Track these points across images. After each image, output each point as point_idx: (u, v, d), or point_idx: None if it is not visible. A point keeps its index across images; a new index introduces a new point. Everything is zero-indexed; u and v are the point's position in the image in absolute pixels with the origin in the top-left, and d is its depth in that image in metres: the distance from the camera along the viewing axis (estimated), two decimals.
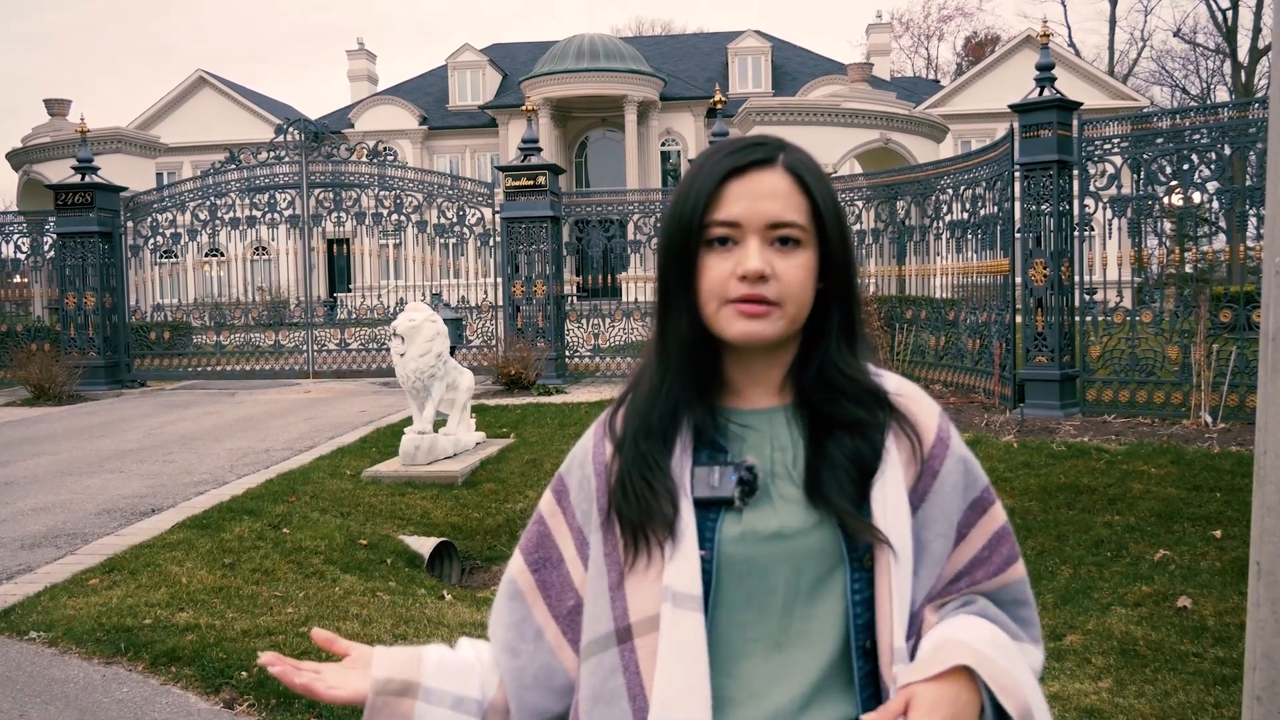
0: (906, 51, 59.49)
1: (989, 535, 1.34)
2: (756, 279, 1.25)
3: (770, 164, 1.29)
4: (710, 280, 1.27)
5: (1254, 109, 9.59)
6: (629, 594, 1.28)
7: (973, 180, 11.63)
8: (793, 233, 1.27)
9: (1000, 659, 1.22)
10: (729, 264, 1.26)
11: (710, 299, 1.27)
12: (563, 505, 1.38)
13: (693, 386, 1.31)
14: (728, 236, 1.27)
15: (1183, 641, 4.80)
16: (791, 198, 1.28)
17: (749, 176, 1.28)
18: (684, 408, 1.31)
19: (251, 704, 4.12)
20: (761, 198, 1.27)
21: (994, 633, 1.26)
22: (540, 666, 1.37)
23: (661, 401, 1.31)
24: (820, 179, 1.31)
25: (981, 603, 1.32)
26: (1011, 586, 1.35)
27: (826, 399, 1.30)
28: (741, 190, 1.27)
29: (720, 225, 1.27)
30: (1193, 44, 45.93)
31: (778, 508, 1.27)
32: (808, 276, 1.28)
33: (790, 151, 1.31)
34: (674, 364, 1.31)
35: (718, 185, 1.28)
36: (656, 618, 1.25)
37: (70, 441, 10.48)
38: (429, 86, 43.65)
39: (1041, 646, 1.35)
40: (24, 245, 17.18)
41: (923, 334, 12.91)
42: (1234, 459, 7.41)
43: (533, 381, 13.57)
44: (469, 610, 5.65)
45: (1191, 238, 13.17)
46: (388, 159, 16.53)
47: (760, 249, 1.26)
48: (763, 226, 1.26)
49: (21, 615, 5.05)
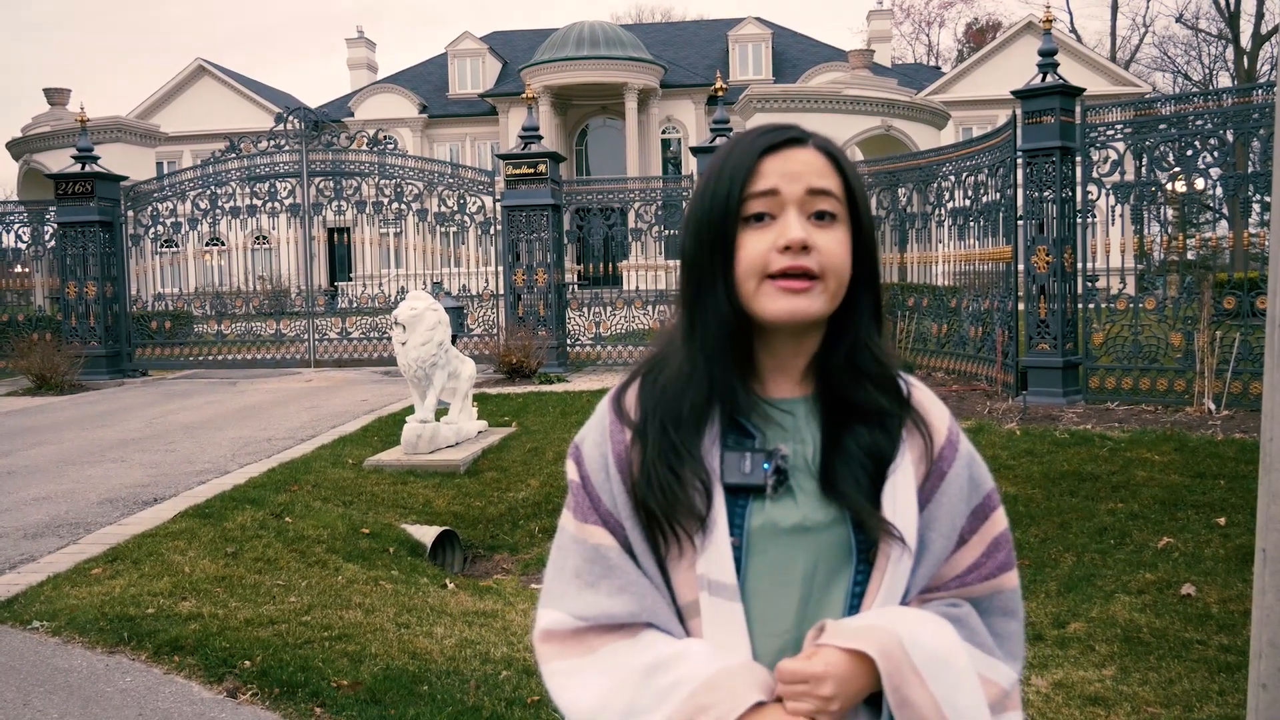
0: (908, 38, 59.34)
1: (988, 541, 1.34)
2: (800, 249, 1.24)
3: (803, 143, 1.30)
4: (749, 256, 1.26)
5: (1257, 94, 9.55)
6: (673, 578, 1.28)
7: (975, 167, 11.59)
8: (829, 205, 1.28)
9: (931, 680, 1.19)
10: (768, 238, 1.26)
11: (749, 276, 1.26)
12: (589, 491, 1.33)
13: (731, 371, 1.30)
14: (764, 212, 1.27)
15: (1187, 629, 4.80)
16: (826, 172, 1.29)
17: (784, 153, 1.29)
18: (718, 394, 1.29)
19: (255, 693, 4.12)
20: (799, 167, 1.28)
21: (947, 644, 1.23)
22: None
23: (694, 389, 1.29)
24: (850, 162, 1.33)
25: (965, 609, 1.31)
26: (1003, 595, 1.34)
27: (852, 383, 1.30)
28: (778, 163, 1.28)
29: (759, 197, 1.27)
30: (1195, 29, 45.77)
31: (798, 500, 1.27)
32: (846, 252, 1.28)
33: (818, 136, 1.33)
34: (710, 350, 1.29)
35: (755, 161, 1.28)
36: (696, 603, 1.26)
37: (72, 431, 10.48)
38: (429, 75, 43.54)
39: (1019, 664, 1.33)
40: (25, 235, 17.14)
41: (925, 321, 12.89)
42: (1237, 446, 7.40)
43: (534, 370, 13.56)
44: (471, 599, 5.65)
45: (1194, 224, 13.14)
46: (388, 147, 16.50)
47: (800, 220, 1.26)
48: (801, 195, 1.27)
49: (25, 605, 5.05)
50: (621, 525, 1.29)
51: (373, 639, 4.66)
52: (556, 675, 1.28)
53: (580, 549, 1.31)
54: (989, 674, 1.28)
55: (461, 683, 4.22)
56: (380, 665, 4.37)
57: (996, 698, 1.27)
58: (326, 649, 4.51)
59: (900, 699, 1.18)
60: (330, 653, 4.47)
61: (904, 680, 1.18)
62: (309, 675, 4.23)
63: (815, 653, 1.19)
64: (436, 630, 4.89)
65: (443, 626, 4.96)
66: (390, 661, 4.41)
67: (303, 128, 16.39)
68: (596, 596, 1.27)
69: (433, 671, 4.34)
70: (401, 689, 4.14)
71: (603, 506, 1.31)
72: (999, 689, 1.28)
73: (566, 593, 1.30)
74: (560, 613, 1.29)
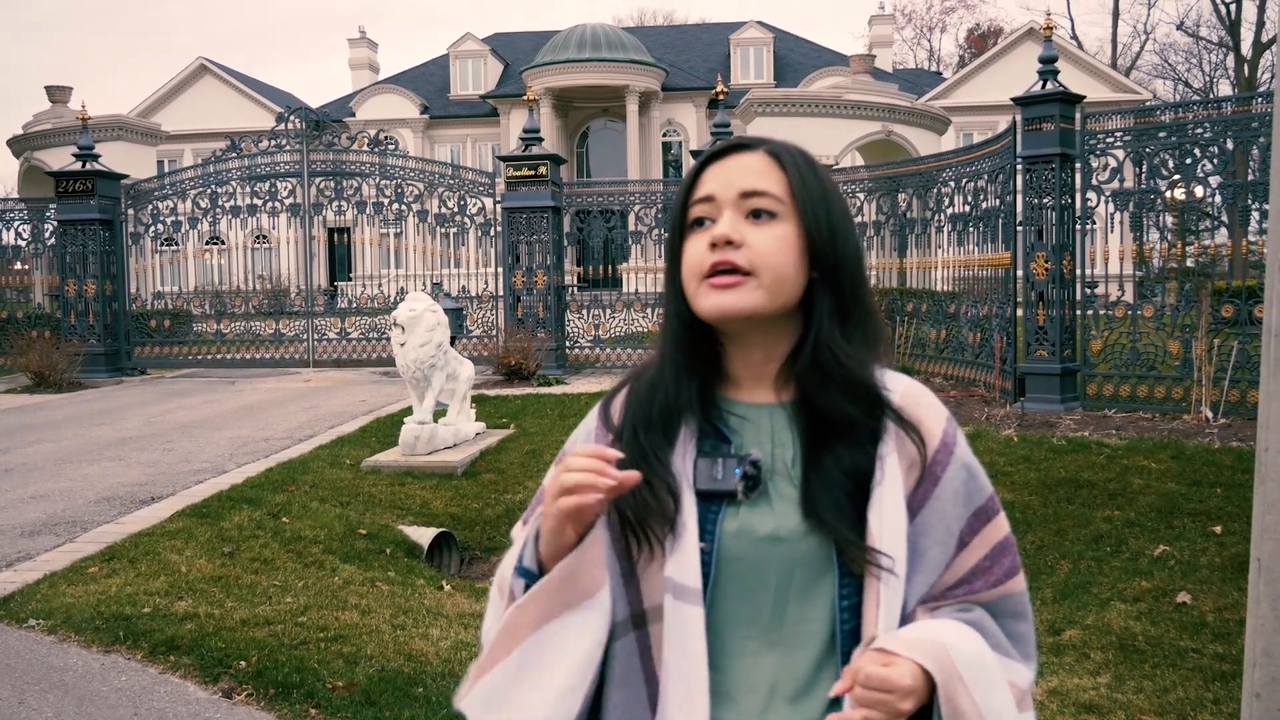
0: (909, 43, 59.42)
1: (991, 545, 1.32)
2: (724, 244, 1.27)
3: (750, 150, 1.33)
4: (689, 259, 1.30)
5: (1257, 103, 9.56)
6: (640, 581, 1.29)
7: (974, 173, 11.61)
8: (765, 203, 1.29)
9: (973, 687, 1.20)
10: (705, 239, 1.29)
11: (691, 278, 1.30)
12: None
13: (688, 375, 1.32)
14: (705, 216, 1.30)
15: (1182, 637, 4.81)
16: (768, 173, 1.31)
17: (727, 159, 1.33)
18: (683, 398, 1.31)
19: (250, 693, 4.12)
20: (735, 172, 1.31)
21: (980, 650, 1.24)
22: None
23: (661, 393, 1.32)
24: (800, 159, 1.33)
25: (978, 613, 1.30)
26: (1012, 599, 1.33)
27: (820, 388, 1.29)
28: (718, 169, 1.32)
29: (699, 203, 1.31)
30: (1196, 37, 45.82)
31: (775, 508, 1.27)
32: (785, 247, 1.28)
33: (775, 143, 1.34)
34: (672, 353, 1.33)
35: (700, 170, 1.33)
36: (659, 607, 1.26)
37: (70, 429, 10.48)
38: (430, 75, 43.57)
39: (1033, 664, 1.34)
40: (25, 232, 17.15)
41: (923, 327, 12.91)
42: (1234, 454, 7.41)
43: (533, 372, 13.56)
44: (468, 601, 5.65)
45: (1193, 232, 13.14)
46: (389, 148, 16.51)
47: (733, 219, 1.28)
48: (735, 197, 1.29)
49: (21, 603, 5.05)
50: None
51: (369, 640, 4.66)
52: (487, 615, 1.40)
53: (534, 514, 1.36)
54: (1010, 676, 1.28)
55: (457, 685, 4.21)
56: (376, 667, 4.37)
57: (1017, 698, 1.28)
58: (322, 650, 4.51)
59: (952, 709, 1.18)
60: (326, 654, 4.47)
61: (954, 690, 1.18)
62: (304, 676, 4.23)
63: (894, 662, 1.17)
64: (432, 632, 4.89)
65: (439, 628, 4.96)
66: (386, 663, 4.41)
67: (304, 127, 16.39)
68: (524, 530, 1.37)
69: (428, 673, 4.34)
70: (397, 691, 4.15)
71: None
72: (1019, 690, 1.28)
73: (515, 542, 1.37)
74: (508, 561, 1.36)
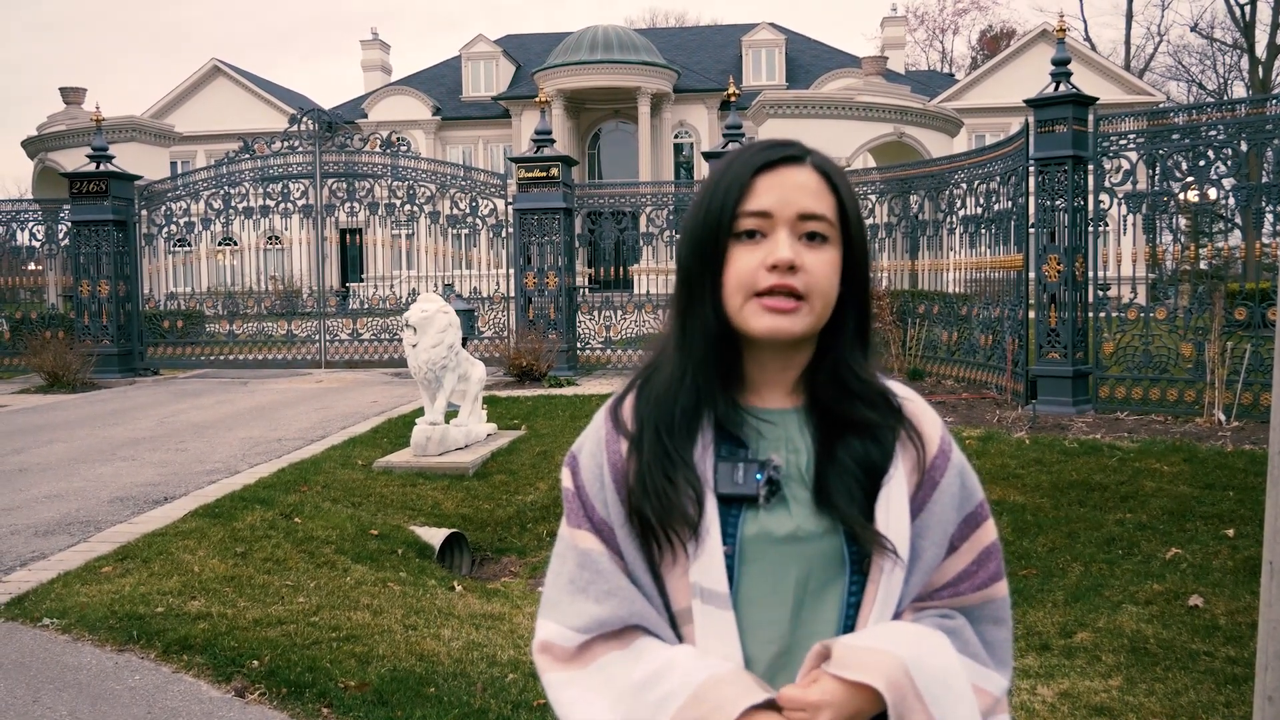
0: (921, 45, 59.31)
1: (979, 550, 1.35)
2: (787, 269, 1.25)
3: (800, 161, 1.31)
4: (738, 272, 1.28)
5: (1271, 105, 9.53)
6: (667, 585, 1.30)
7: (987, 175, 11.59)
8: (821, 227, 1.29)
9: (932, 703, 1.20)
10: (758, 255, 1.27)
11: (736, 292, 1.28)
12: (582, 498, 1.35)
13: (715, 381, 1.32)
14: (757, 229, 1.28)
15: (1194, 640, 4.79)
16: (821, 194, 1.30)
17: (780, 171, 1.30)
18: (706, 402, 1.32)
19: (263, 692, 4.14)
20: (792, 189, 1.29)
21: (946, 664, 1.24)
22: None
23: (684, 395, 1.31)
24: (846, 182, 1.33)
25: (959, 621, 1.33)
26: (993, 604, 1.36)
27: (839, 400, 1.31)
28: (773, 182, 1.29)
29: (751, 216, 1.28)
30: (1210, 39, 45.64)
31: (792, 510, 1.28)
32: (834, 273, 1.29)
33: (816, 154, 1.33)
34: (697, 358, 1.32)
35: (750, 178, 1.29)
36: (690, 610, 1.27)
37: (84, 429, 10.53)
38: (442, 77, 43.67)
39: (1008, 671, 1.36)
40: (39, 233, 17.26)
41: (935, 329, 12.89)
42: (1247, 457, 7.38)
43: (544, 373, 13.58)
44: (479, 601, 5.66)
45: (1207, 234, 13.08)
46: (401, 149, 16.57)
47: (791, 242, 1.27)
48: (793, 218, 1.28)
49: (35, 602, 5.08)
50: (613, 533, 1.31)
51: (380, 640, 4.68)
52: (554, 687, 1.31)
53: (574, 554, 1.33)
54: (982, 684, 1.30)
55: (468, 685, 4.23)
56: (388, 666, 4.38)
57: (989, 706, 1.30)
58: (334, 649, 4.53)
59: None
60: (338, 653, 4.48)
61: (909, 709, 1.19)
62: (316, 676, 4.24)
63: (815, 679, 1.21)
64: (444, 632, 4.90)
65: (450, 629, 4.97)
66: (397, 663, 4.42)
67: (316, 129, 16.45)
68: (587, 603, 1.30)
69: (440, 673, 4.35)
70: (408, 690, 4.16)
71: (596, 515, 1.33)
72: (991, 697, 1.31)
73: (561, 601, 1.33)
74: (556, 624, 1.32)
